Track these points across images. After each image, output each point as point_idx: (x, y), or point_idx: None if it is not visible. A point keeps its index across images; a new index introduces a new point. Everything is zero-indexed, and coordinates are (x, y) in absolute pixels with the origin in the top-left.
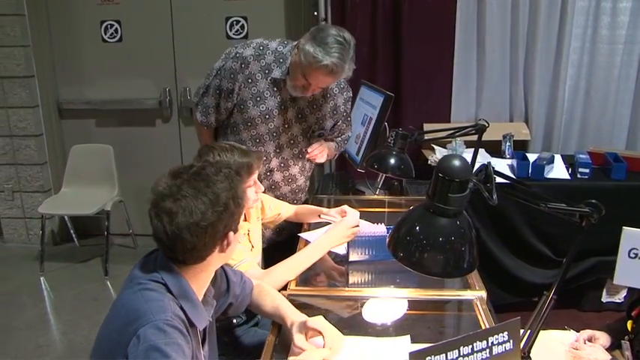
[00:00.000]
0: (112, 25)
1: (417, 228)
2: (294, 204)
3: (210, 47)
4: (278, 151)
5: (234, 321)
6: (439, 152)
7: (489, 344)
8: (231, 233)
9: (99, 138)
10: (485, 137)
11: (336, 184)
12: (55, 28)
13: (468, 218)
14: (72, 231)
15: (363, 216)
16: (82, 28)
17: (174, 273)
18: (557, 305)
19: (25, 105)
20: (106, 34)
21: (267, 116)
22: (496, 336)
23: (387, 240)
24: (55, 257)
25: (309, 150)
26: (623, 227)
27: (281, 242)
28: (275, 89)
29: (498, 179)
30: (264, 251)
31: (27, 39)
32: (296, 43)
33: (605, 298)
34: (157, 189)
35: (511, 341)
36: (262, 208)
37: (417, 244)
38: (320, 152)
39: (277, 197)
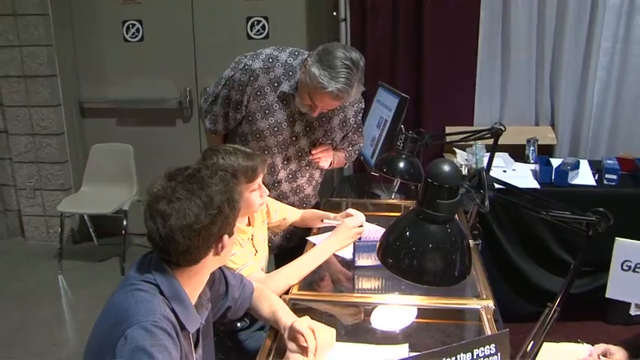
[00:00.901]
0: (133, 25)
1: (407, 234)
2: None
3: (231, 47)
4: (286, 162)
5: (238, 325)
6: (461, 156)
7: (474, 356)
8: (225, 237)
9: (119, 137)
10: (510, 141)
11: (352, 187)
12: (78, 28)
13: (459, 225)
14: (91, 230)
15: (377, 220)
16: (104, 28)
17: (167, 274)
18: (583, 317)
19: (47, 104)
20: (127, 33)
21: (275, 129)
22: (482, 348)
23: (377, 246)
24: (73, 256)
25: (312, 151)
26: (616, 238)
27: (292, 248)
28: (284, 102)
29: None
30: (276, 258)
31: (50, 38)
32: (306, 56)
33: (633, 311)
34: (152, 190)
35: (498, 354)
36: (268, 212)
37: (407, 251)
38: (324, 155)
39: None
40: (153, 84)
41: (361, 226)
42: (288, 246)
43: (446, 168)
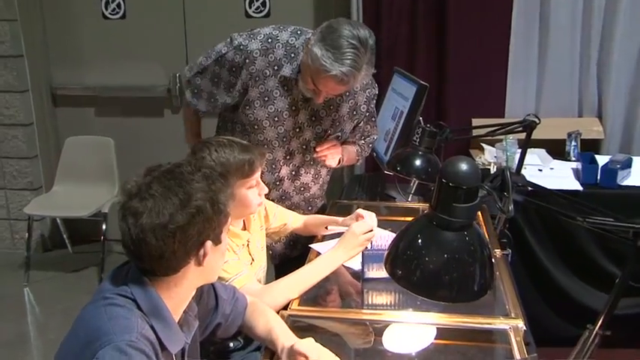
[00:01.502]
0: None
1: (419, 242)
2: (309, 213)
3: (227, 27)
4: (288, 157)
5: (231, 345)
6: (489, 153)
7: None
8: (208, 243)
9: (98, 129)
10: (547, 135)
11: (363, 187)
12: (48, 1)
13: (479, 232)
14: (64, 236)
15: (392, 226)
16: (79, 2)
17: (145, 287)
18: (632, 343)
19: (12, 89)
20: (107, 9)
21: (275, 119)
22: None
23: (385, 255)
24: (43, 265)
25: (317, 149)
26: None
27: (296, 258)
28: (285, 88)
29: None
30: (277, 269)
31: (14, 12)
32: (310, 35)
33: None
34: (126, 187)
35: None
36: (266, 216)
37: (418, 262)
38: (331, 152)
39: (289, 208)
40: (137, 68)
41: (371, 230)
42: (291, 255)
43: (463, 166)
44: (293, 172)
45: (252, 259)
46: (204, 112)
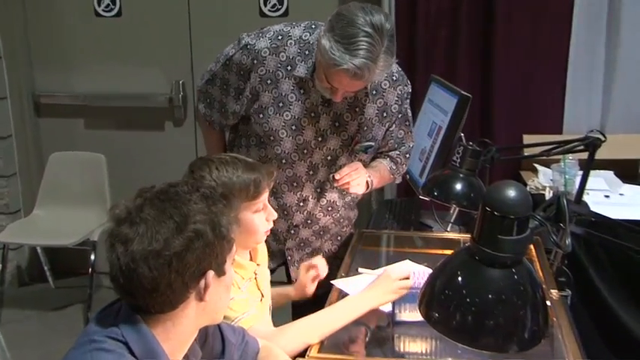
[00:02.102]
0: None
1: (458, 280)
2: (342, 235)
3: (239, 27)
4: (311, 172)
5: None
6: (544, 176)
7: None
8: (210, 274)
9: (88, 144)
10: (616, 155)
11: (394, 215)
12: None
13: (530, 269)
14: (46, 267)
15: (428, 260)
16: None
17: (138, 327)
18: None
19: None
20: (99, 5)
21: (293, 127)
22: None
23: (419, 296)
24: (19, 302)
25: (336, 176)
26: None
27: (317, 298)
28: (302, 91)
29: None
30: (295, 308)
31: None
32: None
33: None
34: (114, 212)
35: None
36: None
37: (458, 303)
38: (352, 178)
39: (318, 232)
40: (134, 74)
41: (407, 278)
42: (315, 293)
43: (510, 192)
44: (318, 190)
45: (262, 295)
46: (219, 125)
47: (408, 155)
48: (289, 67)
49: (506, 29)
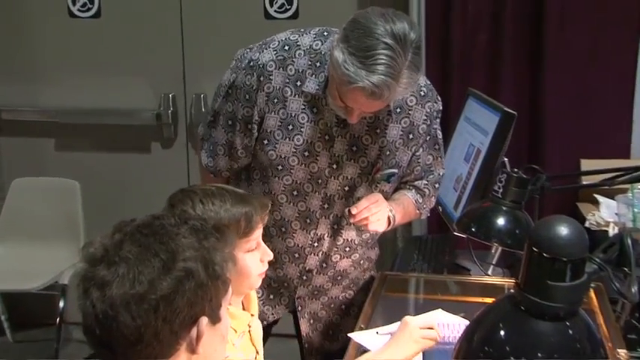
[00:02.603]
0: None
1: (501, 334)
2: (362, 280)
3: (240, 32)
4: (327, 206)
5: None
6: (607, 209)
7: None
8: (203, 320)
9: (58, 168)
10: None
11: (424, 255)
12: None
13: (588, 323)
14: (2, 317)
15: (465, 309)
16: None
17: None
18: None
19: None
20: (74, 4)
21: (306, 153)
22: None
23: (453, 353)
24: None
25: (352, 210)
26: None
27: (334, 353)
28: (314, 110)
29: None
30: None
31: None
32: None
33: None
34: (88, 251)
35: None
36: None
37: None
38: (372, 212)
39: (335, 277)
40: (115, 86)
41: (431, 328)
42: (331, 348)
43: (562, 229)
44: (334, 226)
45: (257, 352)
46: (226, 172)
47: (437, 185)
48: (299, 83)
49: (560, 34)
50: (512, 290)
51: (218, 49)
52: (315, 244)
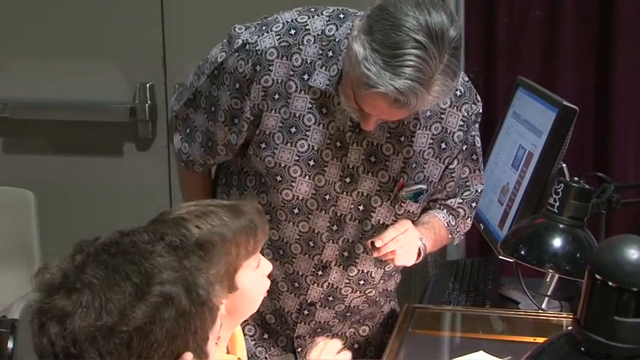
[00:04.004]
0: None
1: None
2: (375, 318)
3: (234, 9)
4: (335, 228)
5: None
6: None
7: None
8: (187, 356)
9: (8, 174)
10: None
11: (462, 283)
12: None
13: None
14: None
15: (512, 350)
16: None
17: None
18: None
19: None
20: None
21: (311, 162)
22: None
23: None
24: None
25: (376, 243)
26: None
27: None
28: (323, 110)
29: None
30: None
31: None
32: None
33: None
34: (44, 277)
35: None
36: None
37: None
38: (400, 245)
39: (343, 314)
40: (79, 74)
41: None
42: None
43: (632, 253)
44: (345, 253)
45: None
46: (201, 167)
47: (474, 205)
48: (306, 76)
49: (635, 12)
50: (570, 328)
51: (206, 29)
52: (320, 273)
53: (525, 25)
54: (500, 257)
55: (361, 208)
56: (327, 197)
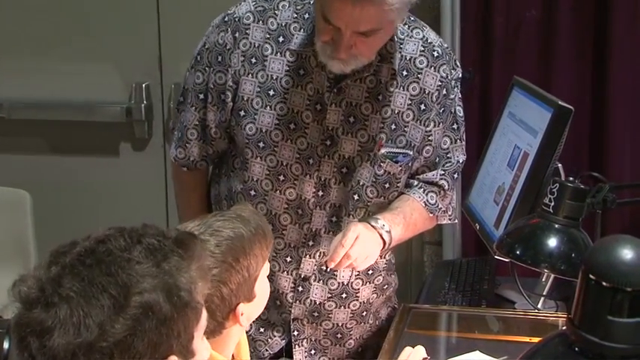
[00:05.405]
0: None
1: None
2: (378, 316)
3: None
4: (322, 193)
5: None
6: None
7: None
8: (172, 359)
9: (4, 175)
10: None
11: (457, 283)
12: None
13: None
14: None
15: (507, 350)
16: None
17: None
18: None
19: None
20: None
21: (291, 125)
22: None
23: None
24: None
25: (329, 266)
26: None
27: None
28: (300, 72)
29: None
30: None
31: None
32: None
33: None
34: (21, 290)
35: None
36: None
37: None
38: (353, 258)
39: (340, 295)
40: (74, 73)
41: None
42: None
43: (625, 253)
44: (333, 219)
45: None
46: (204, 160)
47: (456, 176)
48: (281, 39)
49: (629, 10)
50: (564, 327)
51: (202, 30)
52: (311, 243)
53: (521, 25)
54: (495, 257)
55: (344, 170)
56: (311, 161)
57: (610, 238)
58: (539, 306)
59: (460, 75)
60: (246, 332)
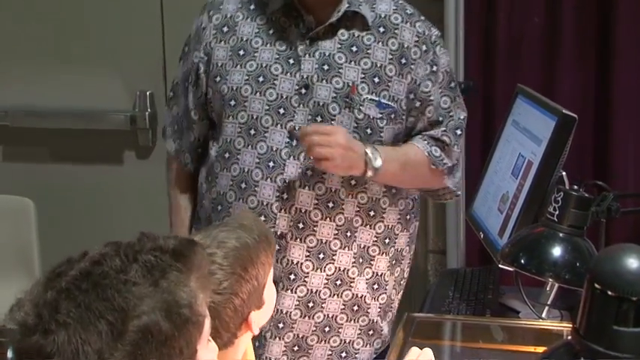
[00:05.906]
0: None
1: None
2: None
3: None
4: (295, 143)
5: None
6: None
7: None
8: None
9: (8, 183)
10: None
11: (462, 292)
12: None
13: None
14: None
15: None
16: None
17: None
18: None
19: None
20: None
21: (260, 79)
22: None
23: None
24: None
25: (295, 126)
26: None
27: None
28: (271, 31)
29: None
30: None
31: None
32: None
33: None
34: (18, 315)
35: None
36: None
37: None
38: (321, 135)
39: (320, 259)
40: (79, 82)
41: None
42: None
43: (631, 262)
44: (308, 172)
45: None
46: (192, 149)
47: (458, 132)
48: (252, 6)
49: (633, 19)
50: (569, 337)
51: None
52: (285, 196)
53: (525, 33)
54: (500, 266)
55: (318, 119)
56: (281, 111)
57: (615, 247)
58: (543, 315)
59: (439, 33)
60: None
